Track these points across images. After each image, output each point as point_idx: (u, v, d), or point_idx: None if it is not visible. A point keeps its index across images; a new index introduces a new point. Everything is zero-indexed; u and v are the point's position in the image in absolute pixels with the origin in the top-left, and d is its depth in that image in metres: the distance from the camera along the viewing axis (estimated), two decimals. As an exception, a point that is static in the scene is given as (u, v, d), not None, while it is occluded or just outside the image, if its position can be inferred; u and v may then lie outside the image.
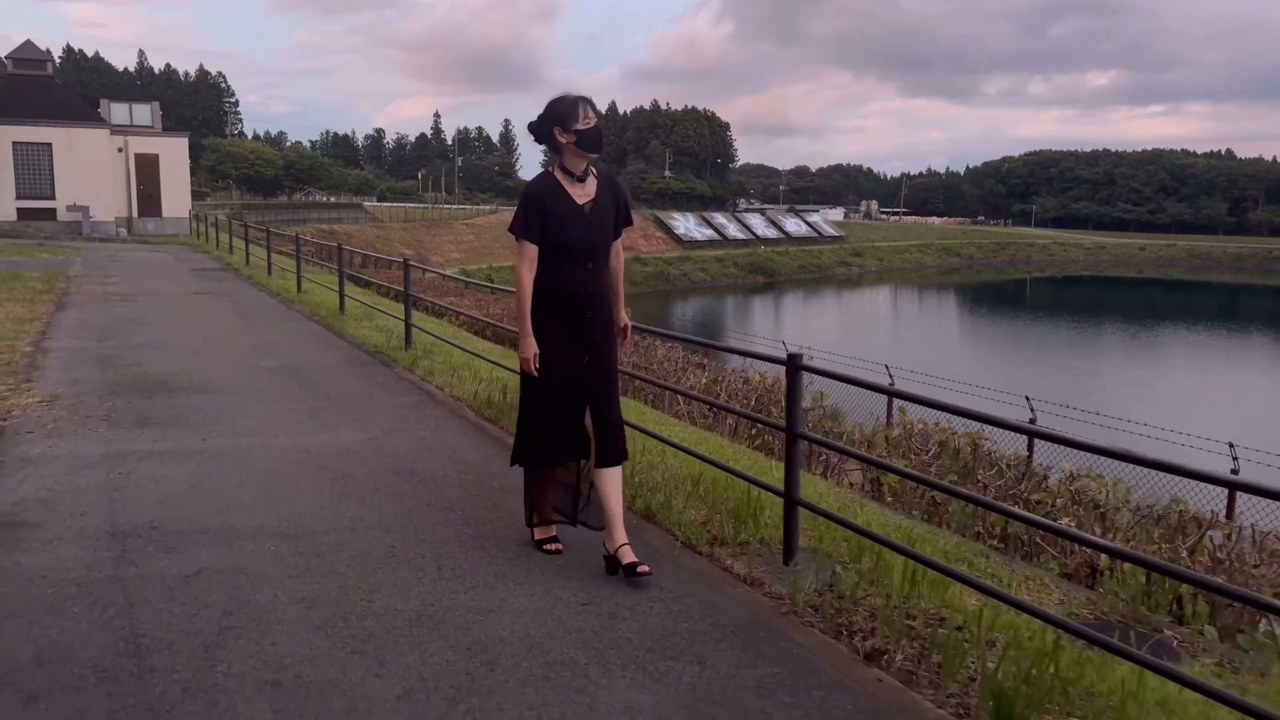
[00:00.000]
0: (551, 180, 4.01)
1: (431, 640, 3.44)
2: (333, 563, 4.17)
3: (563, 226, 3.93)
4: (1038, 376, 30.69)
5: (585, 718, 2.96)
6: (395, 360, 9.25)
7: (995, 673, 3.05)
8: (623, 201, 4.16)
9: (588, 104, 3.95)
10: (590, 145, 3.95)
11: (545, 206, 3.94)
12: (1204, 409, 25.91)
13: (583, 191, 4.01)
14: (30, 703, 2.94)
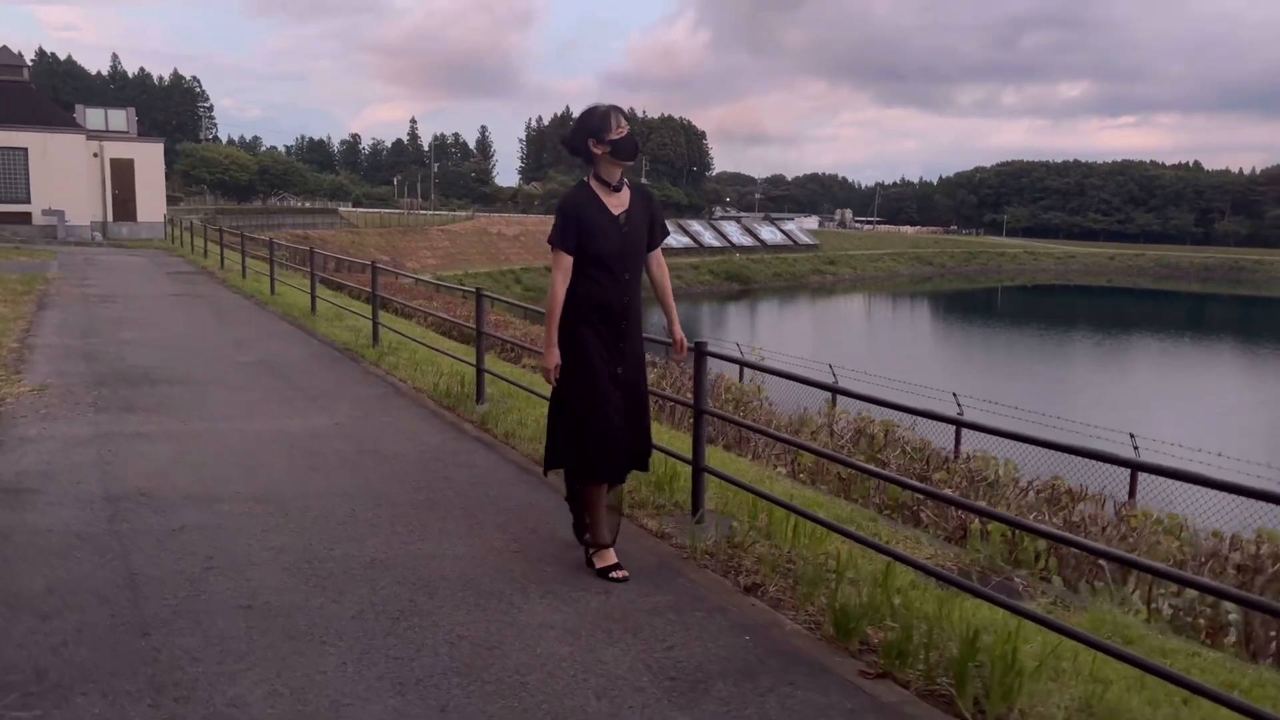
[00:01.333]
0: (587, 191, 4.04)
1: (382, 578, 4.09)
2: (300, 521, 4.81)
3: (598, 237, 3.95)
4: (998, 380, 31.56)
5: (507, 630, 3.62)
6: (363, 356, 9.88)
7: (835, 594, 3.74)
8: (657, 213, 4.18)
9: (619, 113, 3.99)
10: (626, 154, 3.97)
11: (582, 217, 3.96)
12: (1150, 411, 26.88)
13: (618, 201, 4.03)
14: (45, 619, 3.57)
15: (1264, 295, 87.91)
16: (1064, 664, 3.42)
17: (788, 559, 4.38)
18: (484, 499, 5.29)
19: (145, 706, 2.98)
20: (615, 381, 4.02)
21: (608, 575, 4.08)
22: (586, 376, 3.98)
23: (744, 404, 9.77)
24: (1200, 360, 44.41)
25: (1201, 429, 21.54)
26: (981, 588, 3.57)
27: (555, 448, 4.19)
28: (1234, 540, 5.81)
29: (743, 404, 9.75)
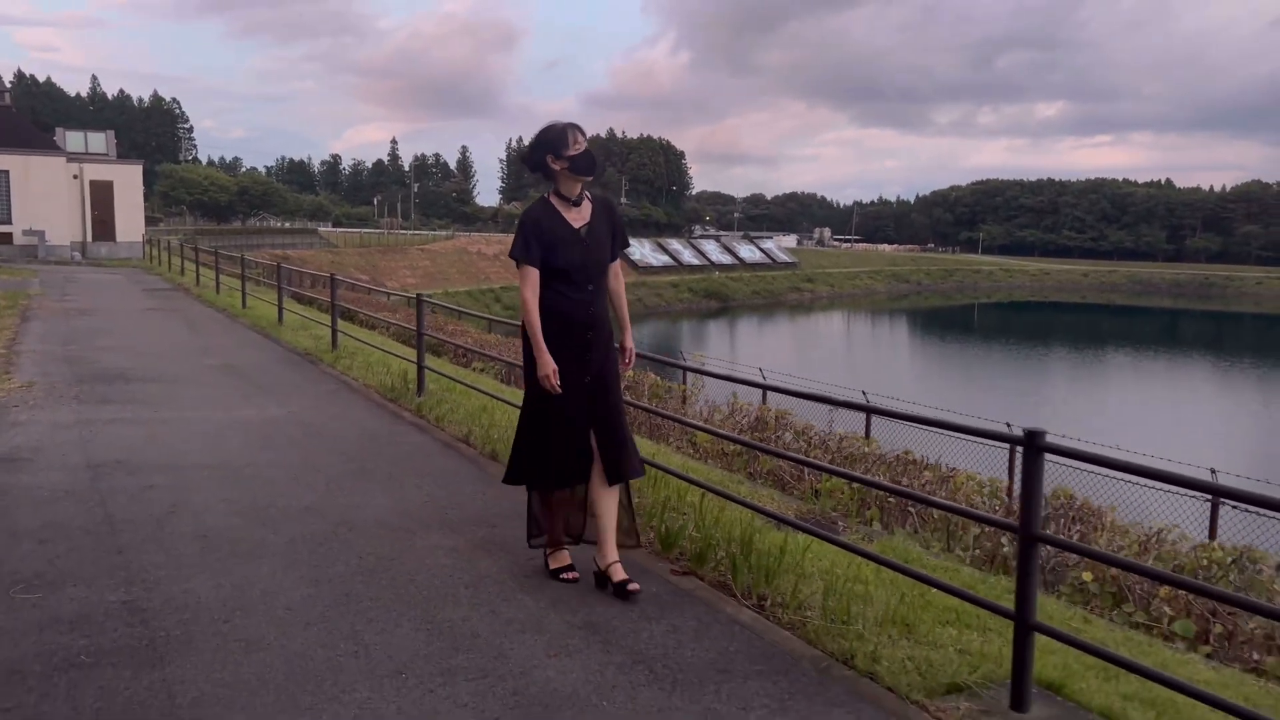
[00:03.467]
0: (547, 205, 4.10)
1: (313, 519, 5.09)
2: (250, 483, 5.80)
3: (559, 250, 4.00)
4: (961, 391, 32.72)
5: (405, 551, 4.62)
6: (321, 359, 10.87)
7: (662, 521, 4.77)
8: (618, 224, 4.24)
9: (576, 130, 4.04)
10: (582, 169, 4.05)
11: (542, 231, 4.02)
12: (1101, 419, 28.05)
13: (578, 215, 4.10)
14: (41, 544, 4.55)
15: (1233, 310, 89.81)
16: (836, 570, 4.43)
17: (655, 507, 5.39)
18: (409, 467, 6.30)
19: (119, 594, 3.97)
20: (582, 390, 4.06)
21: (559, 576, 4.19)
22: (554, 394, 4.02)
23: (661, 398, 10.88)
24: (1166, 374, 45.63)
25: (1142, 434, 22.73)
26: (782, 515, 4.61)
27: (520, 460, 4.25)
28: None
29: (660, 398, 10.86)
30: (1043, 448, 3.07)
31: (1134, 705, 3.22)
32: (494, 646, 3.59)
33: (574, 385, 4.05)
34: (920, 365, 45.35)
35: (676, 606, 4.05)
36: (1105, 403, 34.37)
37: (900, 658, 3.52)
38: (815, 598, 4.06)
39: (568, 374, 4.02)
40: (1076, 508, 6.54)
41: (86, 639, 3.54)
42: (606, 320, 4.19)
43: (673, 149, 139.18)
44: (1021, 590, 3.14)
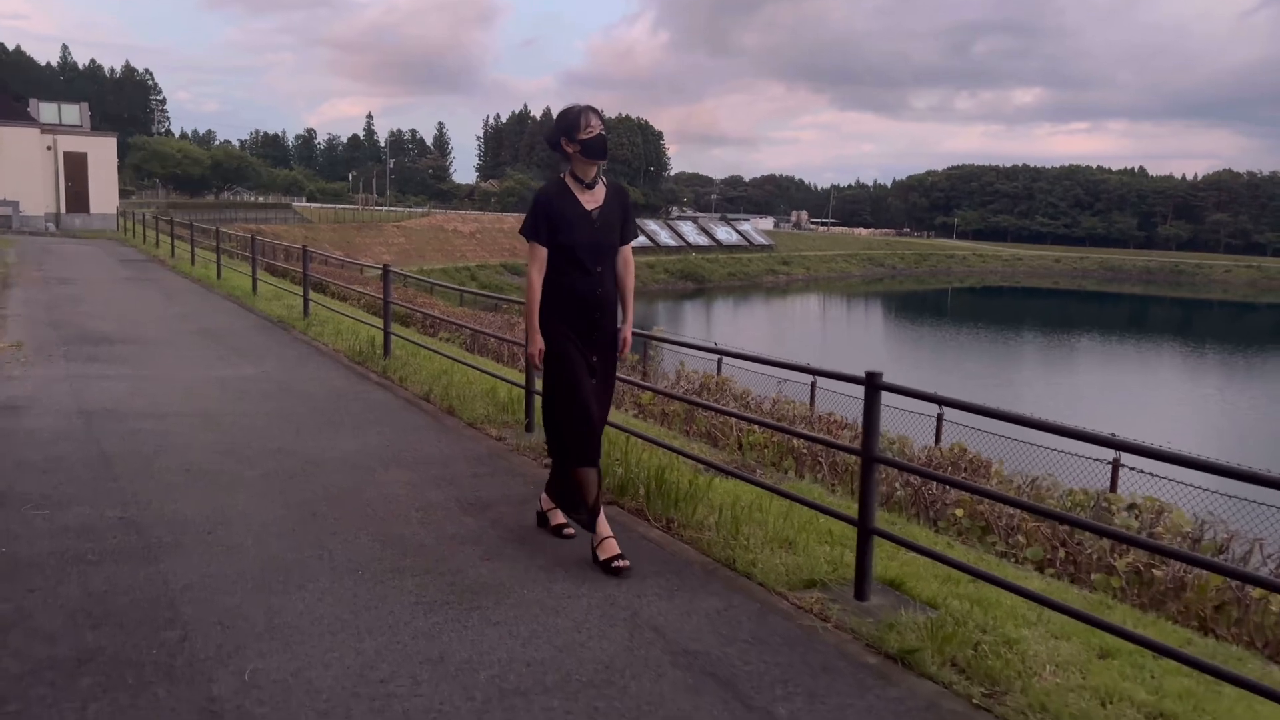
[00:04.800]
0: (562, 186, 4.18)
1: (284, 458, 5.75)
2: (228, 428, 6.44)
3: (570, 230, 4.09)
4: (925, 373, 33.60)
5: (366, 483, 5.30)
6: (293, 326, 11.49)
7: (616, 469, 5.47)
8: (629, 211, 4.33)
9: (592, 113, 4.12)
10: (594, 153, 4.11)
11: (553, 210, 4.10)
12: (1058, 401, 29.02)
13: (591, 198, 4.16)
14: (44, 474, 5.19)
15: (1202, 298, 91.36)
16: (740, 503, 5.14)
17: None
18: (372, 419, 6.96)
19: (116, 511, 4.63)
20: (590, 370, 4.19)
21: (610, 565, 4.08)
22: (566, 369, 4.13)
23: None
24: (1129, 359, 46.65)
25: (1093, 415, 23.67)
26: (691, 453, 5.32)
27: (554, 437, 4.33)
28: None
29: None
30: (879, 386, 3.78)
31: (956, 598, 3.95)
32: (437, 553, 4.28)
33: (585, 364, 4.16)
34: (892, 348, 46.21)
35: (597, 528, 4.75)
36: (1062, 385, 35.39)
37: (775, 563, 4.25)
38: (713, 520, 4.78)
39: (577, 354, 4.13)
40: (968, 459, 7.31)
41: (91, 543, 4.20)
42: (614, 303, 4.25)
43: (651, 129, 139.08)
44: (863, 502, 3.87)
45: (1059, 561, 5.20)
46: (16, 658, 3.13)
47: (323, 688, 3.02)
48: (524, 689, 3.07)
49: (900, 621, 3.60)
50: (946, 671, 3.29)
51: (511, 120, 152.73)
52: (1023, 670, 3.29)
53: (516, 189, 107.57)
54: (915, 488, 6.18)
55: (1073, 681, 3.25)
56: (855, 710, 3.03)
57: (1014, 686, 3.18)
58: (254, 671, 3.10)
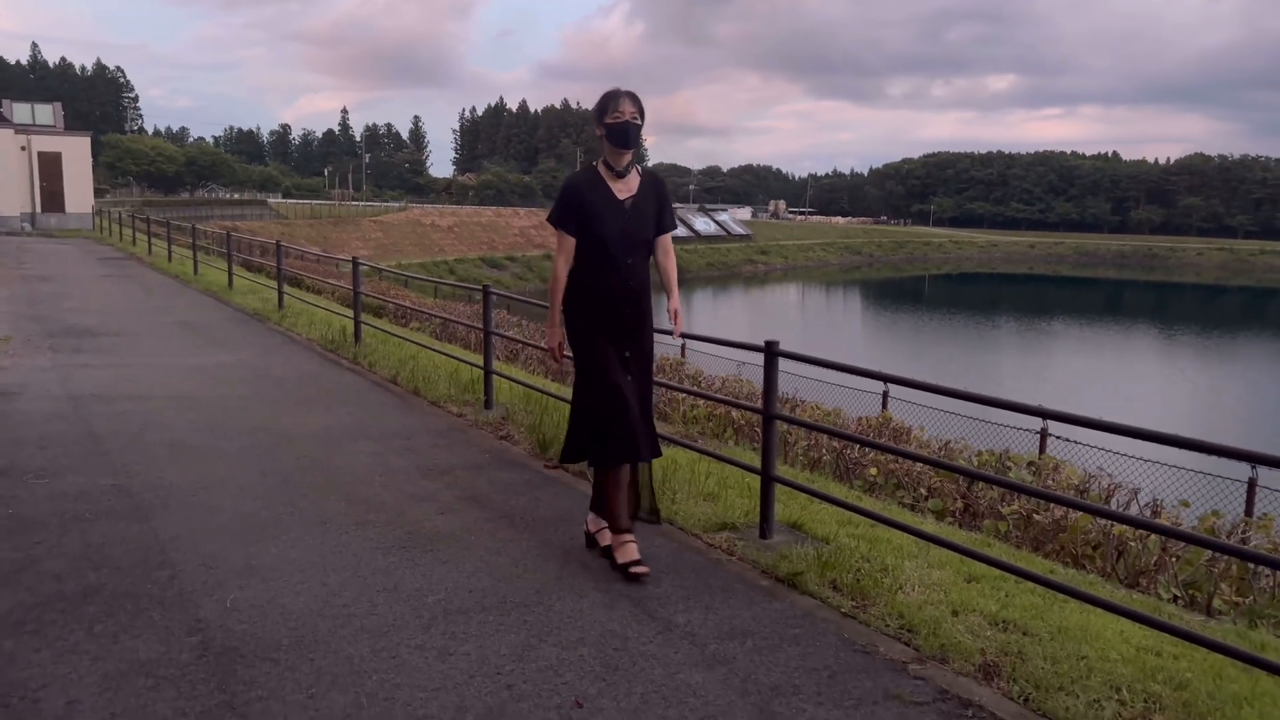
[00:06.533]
0: (593, 173, 4.00)
1: (260, 434, 6.28)
2: (207, 409, 6.96)
3: (600, 219, 3.90)
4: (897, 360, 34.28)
5: (334, 452, 5.84)
6: (268, 318, 11.98)
7: (539, 429, 6.04)
8: (666, 201, 4.11)
9: (624, 98, 3.91)
10: (616, 139, 3.91)
11: (584, 199, 3.92)
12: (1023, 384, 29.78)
13: (624, 187, 3.97)
14: (41, 449, 5.71)
15: (1175, 281, 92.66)
16: (679, 465, 5.70)
17: (536, 422, 6.66)
18: (342, 399, 7.50)
19: (108, 479, 5.15)
20: (624, 366, 3.98)
21: (629, 570, 3.92)
22: (598, 363, 3.95)
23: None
24: (1102, 343, 47.44)
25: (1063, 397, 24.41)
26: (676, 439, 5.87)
27: (575, 439, 4.14)
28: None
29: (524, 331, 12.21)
30: (776, 353, 4.36)
31: (849, 537, 4.54)
32: (396, 509, 4.83)
33: (618, 357, 3.97)
34: (869, 335, 46.90)
35: (543, 487, 5.33)
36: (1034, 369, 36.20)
37: (696, 512, 4.82)
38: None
39: (611, 349, 3.95)
40: (891, 427, 7.93)
41: (87, 505, 4.73)
42: (646, 297, 4.06)
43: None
44: (765, 453, 4.45)
45: (958, 512, 5.81)
46: (30, 592, 3.67)
47: (294, 610, 3.57)
48: (466, 609, 3.63)
49: (793, 553, 4.19)
50: (826, 590, 3.88)
51: (488, 113, 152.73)
52: (890, 589, 3.87)
53: (494, 182, 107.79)
54: (838, 451, 6.78)
55: (934, 598, 3.84)
56: (742, 618, 3.61)
57: (879, 601, 3.77)
58: (235, 599, 3.65)
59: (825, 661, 3.28)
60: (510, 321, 15.41)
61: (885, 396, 11.24)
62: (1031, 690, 3.09)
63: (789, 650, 3.35)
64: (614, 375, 3.93)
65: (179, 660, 3.14)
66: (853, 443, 6.48)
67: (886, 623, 3.61)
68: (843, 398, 10.66)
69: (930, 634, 3.48)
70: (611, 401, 3.91)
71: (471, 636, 3.39)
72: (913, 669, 3.25)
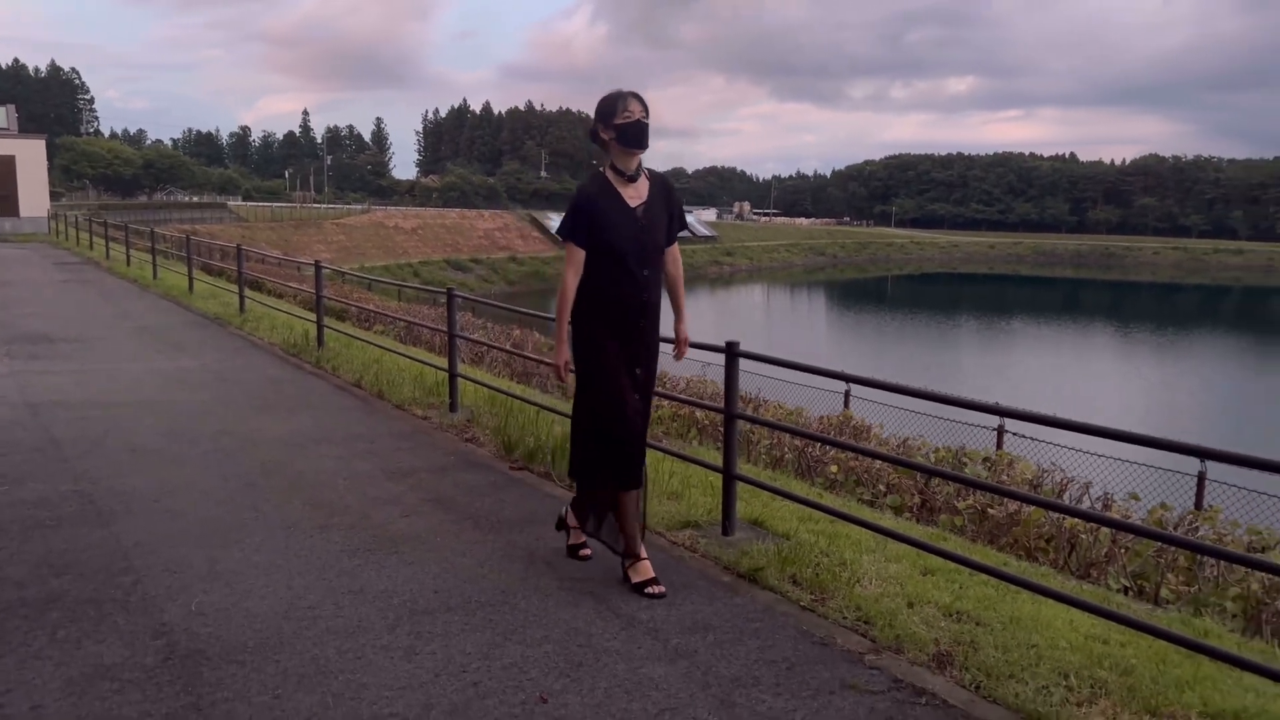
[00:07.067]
0: (602, 181, 3.83)
1: (223, 438, 6.26)
2: (169, 414, 6.92)
3: (614, 229, 3.74)
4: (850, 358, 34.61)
5: (298, 457, 5.84)
6: (230, 323, 11.90)
7: (505, 429, 6.07)
8: (677, 205, 3.98)
9: (631, 98, 3.77)
10: (630, 141, 3.75)
11: (596, 208, 3.75)
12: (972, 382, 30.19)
13: (635, 192, 3.82)
14: (3, 457, 5.65)
15: (1132, 280, 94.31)
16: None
17: (501, 424, 6.69)
18: (305, 403, 7.48)
19: (70, 485, 5.13)
20: (634, 384, 3.82)
21: (644, 590, 3.83)
22: (608, 381, 3.77)
23: (542, 351, 12.23)
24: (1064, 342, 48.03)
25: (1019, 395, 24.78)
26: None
27: (580, 456, 3.99)
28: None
29: (541, 351, 12.21)
30: (737, 354, 4.44)
31: (809, 533, 4.62)
32: (361, 512, 4.85)
33: (628, 375, 3.80)
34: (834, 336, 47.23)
35: (508, 488, 5.37)
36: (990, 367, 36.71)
37: (660, 510, 4.89)
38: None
39: (621, 365, 3.78)
40: (852, 425, 8.06)
41: (49, 512, 4.71)
42: (659, 309, 3.91)
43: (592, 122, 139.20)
44: (726, 452, 4.53)
45: (915, 507, 5.93)
46: (-9, 599, 3.65)
47: (259, 613, 3.58)
48: (431, 609, 3.67)
49: (754, 549, 4.27)
50: (785, 585, 3.96)
51: (451, 114, 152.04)
52: (849, 582, 3.96)
53: (458, 184, 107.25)
54: (800, 449, 6.89)
55: (890, 591, 3.94)
56: (704, 613, 3.68)
57: (837, 594, 3.86)
58: (199, 603, 3.66)
59: (784, 654, 3.35)
60: (475, 324, 15.38)
61: (847, 395, 11.38)
62: (983, 678, 3.19)
63: (749, 643, 3.43)
64: (626, 394, 3.79)
65: (144, 664, 3.15)
66: (814, 441, 6.60)
67: (844, 615, 3.69)
68: (805, 397, 10.79)
69: (886, 625, 3.57)
70: (624, 422, 3.79)
71: (437, 636, 3.43)
72: (869, 659, 3.34)
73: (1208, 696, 3.11)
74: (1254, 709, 3.04)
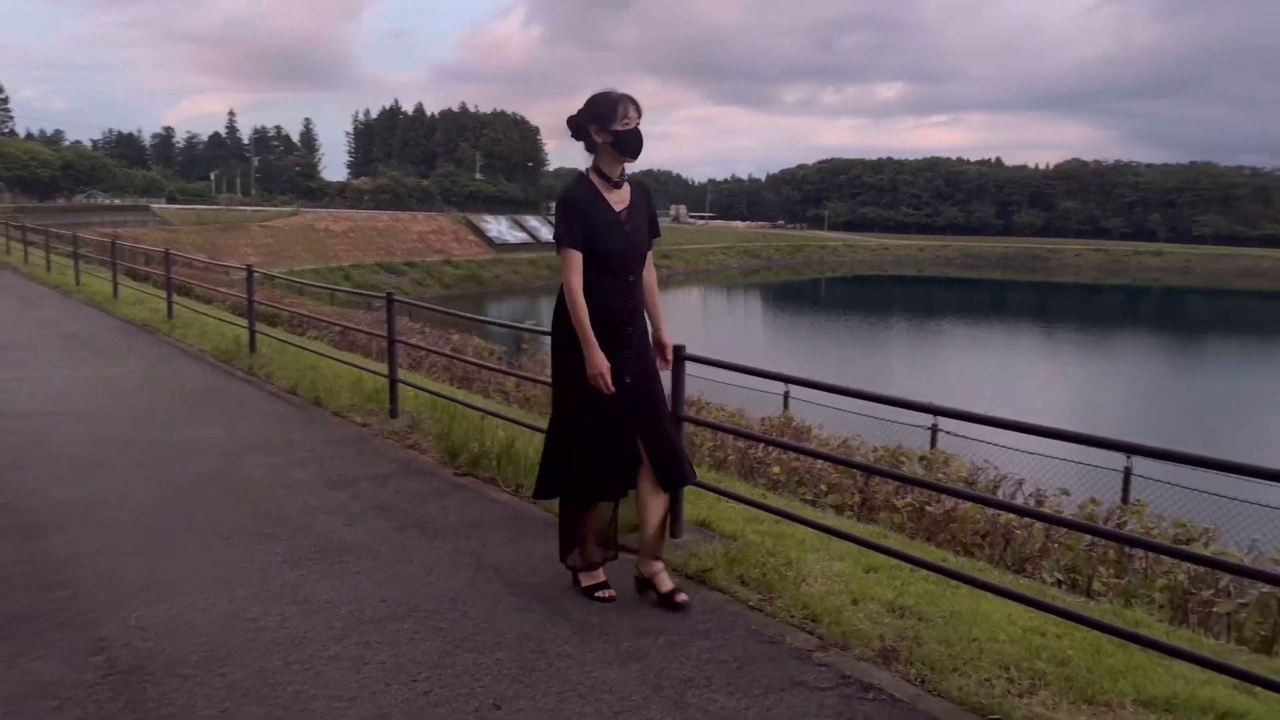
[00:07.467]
0: (588, 184, 3.75)
1: (155, 447, 6.11)
2: (99, 423, 6.73)
3: (602, 235, 3.67)
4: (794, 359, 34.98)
5: (233, 466, 5.72)
6: (158, 329, 11.60)
7: (449, 436, 6.03)
8: (653, 211, 3.94)
9: (630, 103, 3.67)
10: (628, 149, 3.69)
11: (586, 214, 3.67)
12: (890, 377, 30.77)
13: (619, 198, 3.76)
14: (-82, 470, 5.44)
15: (1056, 281, 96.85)
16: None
17: (446, 430, 6.64)
18: (239, 411, 7.34)
19: (3, 501, 4.96)
20: (623, 393, 3.70)
21: (594, 594, 3.86)
22: (589, 392, 3.65)
23: (483, 356, 12.16)
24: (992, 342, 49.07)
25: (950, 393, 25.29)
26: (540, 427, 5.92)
27: (549, 470, 3.89)
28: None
29: (482, 356, 12.14)
30: (683, 357, 4.47)
31: (755, 533, 4.68)
32: (302, 522, 4.78)
33: (621, 388, 3.67)
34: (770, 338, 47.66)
35: (452, 494, 5.33)
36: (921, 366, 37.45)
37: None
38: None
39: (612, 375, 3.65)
40: (793, 426, 8.18)
41: (-26, 527, 4.54)
42: (643, 314, 3.87)
43: (527, 124, 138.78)
44: (673, 454, 4.55)
45: (856, 506, 6.04)
46: (-84, 619, 3.52)
47: (201, 626, 3.51)
48: (379, 618, 3.64)
49: (702, 551, 4.31)
50: (734, 585, 4.01)
51: (383, 115, 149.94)
52: (795, 581, 4.03)
53: (390, 186, 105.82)
54: (742, 451, 6.97)
55: (835, 588, 4.01)
56: (654, 615, 3.71)
57: (784, 593, 3.92)
58: (139, 617, 3.58)
59: (735, 653, 3.40)
60: (413, 329, 15.23)
61: (786, 397, 11.53)
62: (927, 672, 3.27)
63: (700, 644, 3.46)
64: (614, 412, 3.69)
65: (83, 680, 3.07)
66: (757, 442, 6.68)
67: (791, 613, 3.75)
68: (745, 399, 10.90)
69: (832, 622, 3.63)
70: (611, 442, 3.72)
71: (386, 645, 3.40)
72: (816, 656, 3.40)
73: (1140, 684, 3.23)
74: (1183, 695, 3.16)
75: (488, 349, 13.15)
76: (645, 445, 3.74)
